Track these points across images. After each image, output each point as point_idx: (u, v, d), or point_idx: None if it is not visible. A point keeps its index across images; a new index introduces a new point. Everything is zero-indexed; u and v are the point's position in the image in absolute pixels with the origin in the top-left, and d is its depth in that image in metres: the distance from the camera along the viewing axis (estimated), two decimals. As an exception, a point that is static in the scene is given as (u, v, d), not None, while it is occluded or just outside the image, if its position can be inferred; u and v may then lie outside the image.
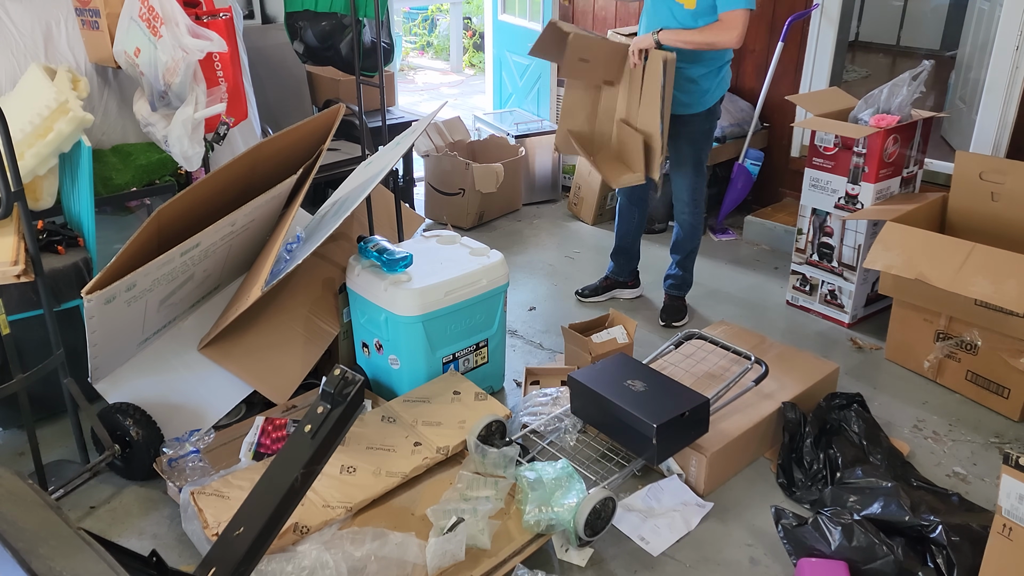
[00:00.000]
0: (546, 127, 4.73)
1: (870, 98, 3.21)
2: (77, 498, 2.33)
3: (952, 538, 1.96)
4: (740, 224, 4.32)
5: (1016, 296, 2.46)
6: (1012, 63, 3.39)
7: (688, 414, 2.21)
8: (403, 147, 2.71)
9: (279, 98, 3.99)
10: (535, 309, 3.53)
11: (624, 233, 3.50)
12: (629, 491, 2.36)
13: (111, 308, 2.15)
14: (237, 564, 1.59)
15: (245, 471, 2.20)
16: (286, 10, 3.47)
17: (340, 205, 2.63)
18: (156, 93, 2.57)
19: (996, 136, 3.52)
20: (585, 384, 2.35)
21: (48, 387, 2.45)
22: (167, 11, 2.42)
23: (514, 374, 3.00)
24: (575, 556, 2.13)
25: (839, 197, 3.25)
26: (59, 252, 2.46)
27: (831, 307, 3.41)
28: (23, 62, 2.74)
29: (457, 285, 2.59)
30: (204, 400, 2.53)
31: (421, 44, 9.82)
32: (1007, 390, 2.73)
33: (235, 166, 2.35)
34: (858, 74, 6.85)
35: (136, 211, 3.18)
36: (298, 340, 2.70)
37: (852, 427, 2.50)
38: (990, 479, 2.45)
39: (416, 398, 2.52)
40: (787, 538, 2.15)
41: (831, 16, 3.98)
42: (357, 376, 1.70)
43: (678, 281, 3.43)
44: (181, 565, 2.06)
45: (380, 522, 2.06)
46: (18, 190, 2.06)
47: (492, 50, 5.33)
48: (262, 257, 2.59)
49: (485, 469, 2.22)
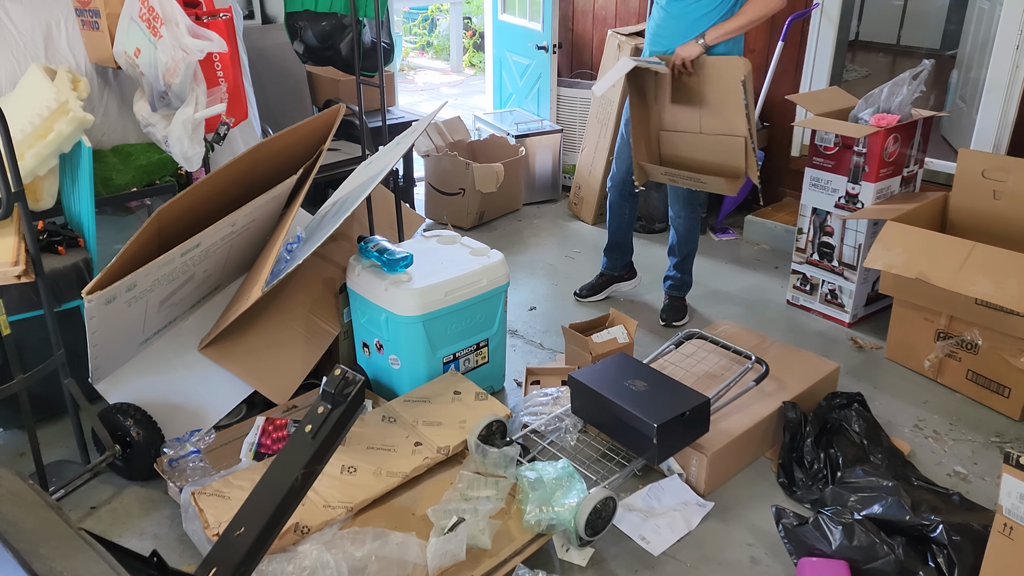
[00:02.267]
0: (546, 127, 4.73)
1: (870, 97, 3.21)
2: (78, 498, 2.33)
3: (953, 537, 1.96)
4: (740, 224, 4.32)
5: (1017, 295, 2.46)
6: (1012, 62, 3.39)
7: (689, 414, 2.21)
8: (403, 147, 2.71)
9: (279, 98, 3.99)
10: (535, 309, 3.53)
11: (616, 228, 3.49)
12: (630, 491, 2.36)
13: (111, 308, 2.15)
14: (238, 564, 1.59)
15: (246, 471, 2.20)
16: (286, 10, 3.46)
17: (340, 205, 2.63)
18: (156, 93, 2.57)
19: (996, 135, 3.52)
20: (586, 384, 2.35)
21: (49, 387, 2.45)
22: (167, 11, 2.41)
23: (514, 374, 3.00)
24: (576, 556, 2.13)
25: (839, 196, 3.25)
26: (59, 252, 2.46)
27: (831, 306, 3.41)
28: (23, 62, 2.74)
29: (457, 285, 2.59)
30: (205, 400, 2.53)
31: (421, 44, 9.82)
32: (1008, 389, 2.73)
33: (235, 166, 2.35)
34: (858, 73, 6.85)
35: (136, 211, 3.17)
36: (298, 340, 2.70)
37: (853, 426, 2.50)
38: (991, 478, 2.45)
39: (416, 398, 2.52)
40: (788, 538, 2.15)
41: (831, 15, 3.98)
42: (357, 376, 1.70)
43: (677, 282, 3.43)
44: (182, 565, 2.06)
45: (381, 522, 2.06)
46: (18, 190, 2.06)
47: (492, 50, 5.32)
48: (262, 257, 2.59)
49: (486, 469, 2.22)
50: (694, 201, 3.25)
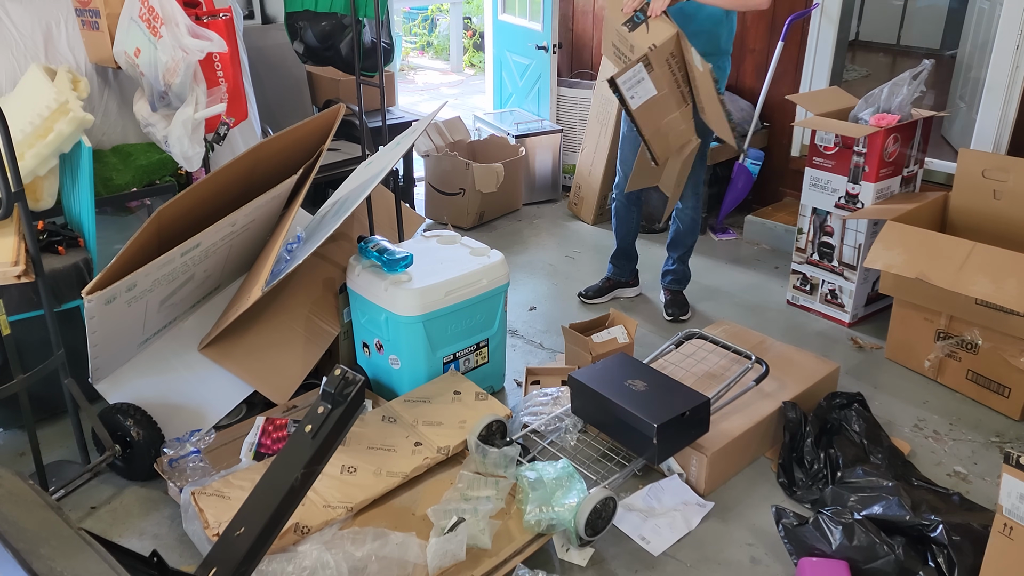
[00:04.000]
0: (546, 127, 4.73)
1: (870, 97, 3.21)
2: (78, 498, 2.33)
3: (953, 537, 1.96)
4: (740, 224, 4.32)
5: (1017, 295, 2.46)
6: (1012, 62, 3.39)
7: (689, 414, 2.21)
8: (403, 147, 2.71)
9: (279, 98, 4.00)
10: (535, 309, 3.53)
11: (625, 234, 3.50)
12: (630, 491, 2.36)
13: (112, 308, 2.15)
14: (238, 564, 1.59)
15: (246, 471, 2.20)
16: (286, 10, 3.46)
17: (340, 205, 2.63)
18: (156, 93, 2.57)
19: (996, 135, 3.52)
20: (586, 384, 2.35)
21: (49, 387, 2.45)
22: (167, 11, 2.41)
23: (515, 374, 3.00)
24: (576, 556, 2.13)
25: (839, 196, 3.25)
26: (59, 252, 2.46)
27: (831, 306, 3.41)
28: (23, 62, 2.74)
29: (457, 285, 2.59)
30: (205, 400, 2.53)
31: (421, 44, 9.82)
32: (1008, 389, 2.72)
33: (235, 166, 2.35)
34: (858, 73, 6.85)
35: (136, 211, 3.17)
36: (298, 340, 2.70)
37: (853, 426, 2.50)
38: (991, 478, 2.45)
39: (416, 398, 2.52)
40: (788, 537, 2.15)
41: (831, 15, 3.98)
42: (358, 376, 1.70)
43: (679, 276, 3.44)
44: (182, 565, 2.06)
45: (381, 522, 2.06)
46: (18, 190, 2.06)
47: (492, 50, 5.32)
48: (262, 257, 2.59)
49: (486, 469, 2.22)
50: (699, 192, 3.28)
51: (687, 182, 3.21)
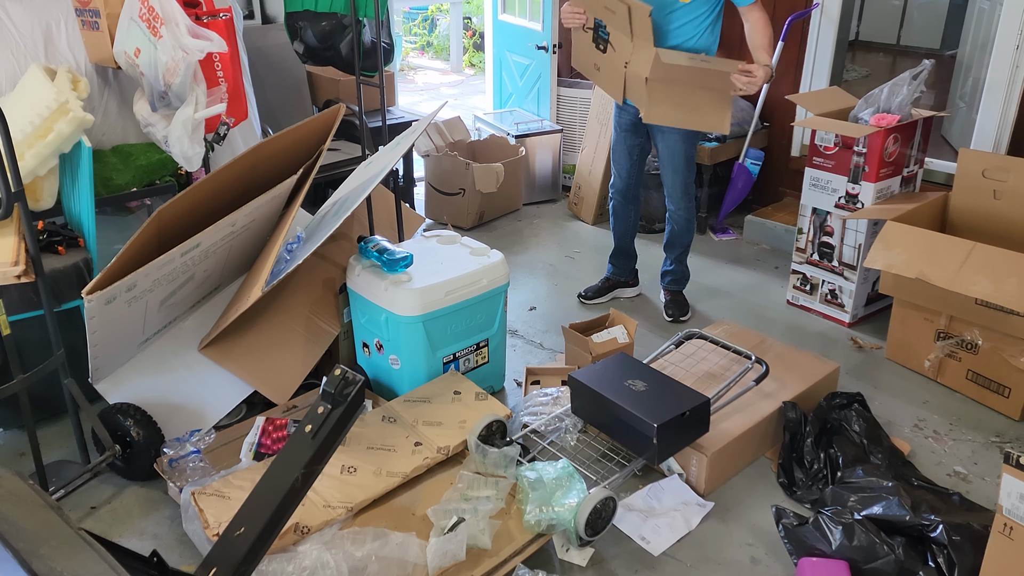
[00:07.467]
0: (546, 127, 4.73)
1: (870, 97, 3.21)
2: (78, 498, 2.33)
3: (953, 537, 1.96)
4: (740, 224, 4.32)
5: (1017, 295, 2.46)
6: (1012, 62, 3.39)
7: (689, 414, 2.21)
8: (403, 147, 2.71)
9: (279, 98, 3.99)
10: (535, 309, 3.53)
11: (622, 233, 3.50)
12: (630, 491, 2.36)
13: (112, 308, 2.15)
14: (238, 564, 1.59)
15: (246, 471, 2.20)
16: (286, 10, 3.46)
17: (340, 205, 2.63)
18: (156, 93, 2.57)
19: (996, 135, 3.52)
20: (586, 384, 2.35)
21: (49, 387, 2.45)
22: (167, 11, 2.41)
23: (515, 374, 3.00)
24: (576, 556, 2.13)
25: (839, 196, 3.25)
26: (59, 252, 2.46)
27: (831, 306, 3.41)
28: (23, 62, 2.74)
29: (457, 285, 2.59)
30: (205, 400, 2.53)
31: (421, 44, 9.82)
32: (1008, 389, 2.72)
33: (235, 166, 2.35)
34: (858, 73, 6.85)
35: (136, 211, 3.17)
36: (298, 340, 2.70)
37: (853, 426, 2.50)
38: (991, 478, 2.45)
39: (416, 398, 2.52)
40: (788, 537, 2.15)
41: (831, 15, 3.98)
42: (358, 376, 1.70)
43: (677, 276, 3.44)
44: (182, 565, 2.06)
45: (381, 522, 2.06)
46: (18, 190, 2.06)
47: (492, 50, 5.32)
48: (262, 257, 2.59)
49: (486, 469, 2.22)
50: (690, 193, 3.27)
51: (676, 183, 3.21)
